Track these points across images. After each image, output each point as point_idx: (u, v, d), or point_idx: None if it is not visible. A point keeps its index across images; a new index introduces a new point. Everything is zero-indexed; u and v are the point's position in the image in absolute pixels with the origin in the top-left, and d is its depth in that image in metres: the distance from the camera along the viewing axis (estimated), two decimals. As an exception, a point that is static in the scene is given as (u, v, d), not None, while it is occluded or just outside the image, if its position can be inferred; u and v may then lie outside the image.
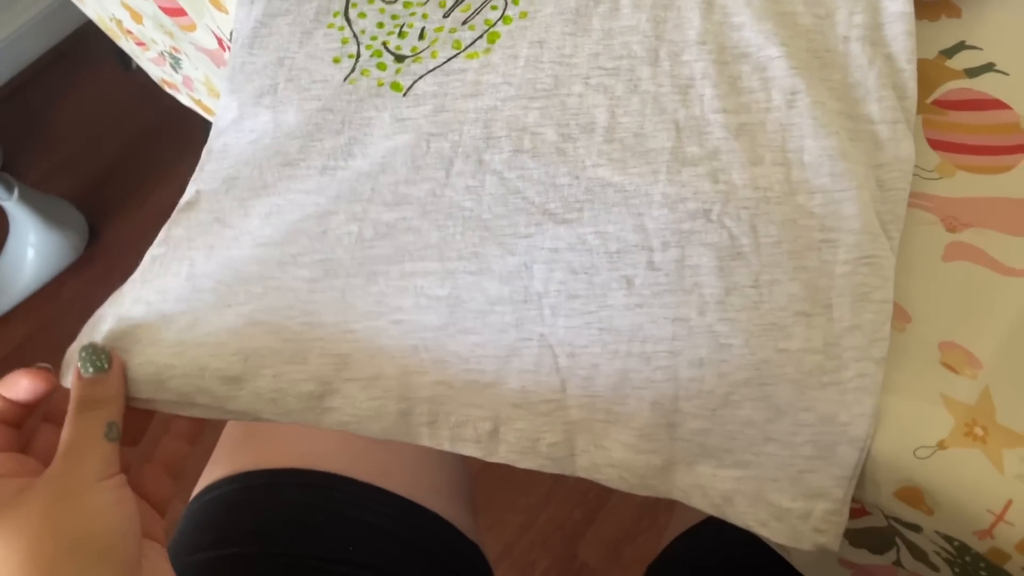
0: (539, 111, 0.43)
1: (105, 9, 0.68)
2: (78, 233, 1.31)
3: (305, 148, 0.45)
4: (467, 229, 0.42)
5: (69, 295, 1.31)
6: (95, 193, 1.37)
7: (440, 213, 0.43)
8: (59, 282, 1.32)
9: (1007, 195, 0.42)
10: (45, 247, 1.27)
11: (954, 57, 0.46)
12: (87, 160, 1.41)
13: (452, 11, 0.46)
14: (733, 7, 0.45)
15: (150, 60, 0.70)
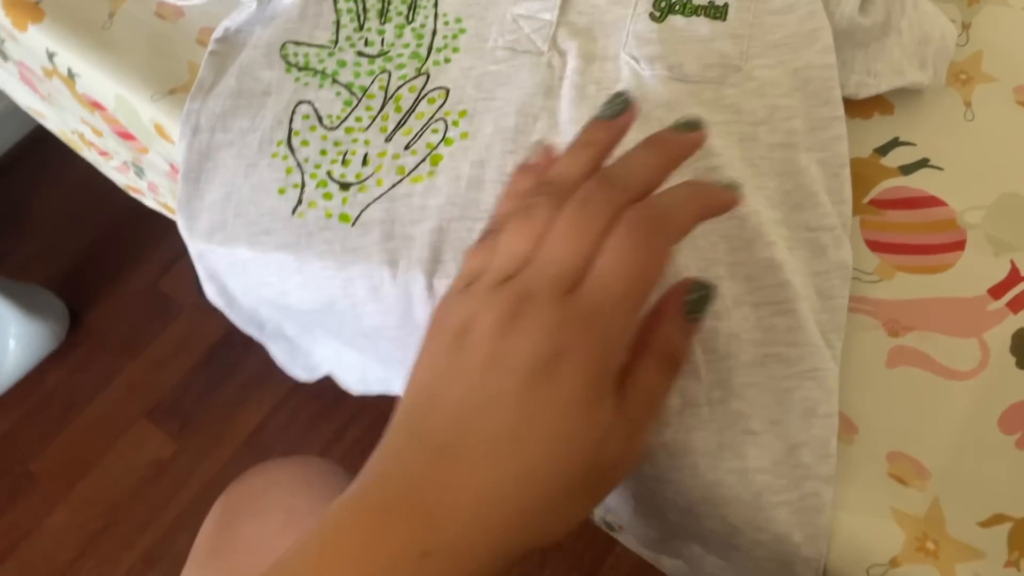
0: None
1: (66, 124, 0.69)
2: (59, 320, 1.31)
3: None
4: None
5: (52, 383, 1.31)
6: (75, 277, 1.37)
7: (415, 336, 0.44)
8: (41, 370, 1.31)
9: (948, 295, 0.43)
10: (26, 337, 1.27)
11: (888, 155, 0.47)
12: (65, 245, 1.41)
13: (394, 135, 0.47)
14: (667, 120, 0.45)
15: (114, 168, 0.71)
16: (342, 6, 0.51)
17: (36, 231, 1.45)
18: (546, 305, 0.31)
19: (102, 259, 1.38)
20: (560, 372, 0.30)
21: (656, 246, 0.32)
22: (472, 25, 0.50)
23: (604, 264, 0.31)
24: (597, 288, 0.31)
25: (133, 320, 1.37)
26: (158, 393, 1.29)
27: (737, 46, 0.47)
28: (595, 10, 0.49)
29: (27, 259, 1.42)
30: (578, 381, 0.30)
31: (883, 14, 0.48)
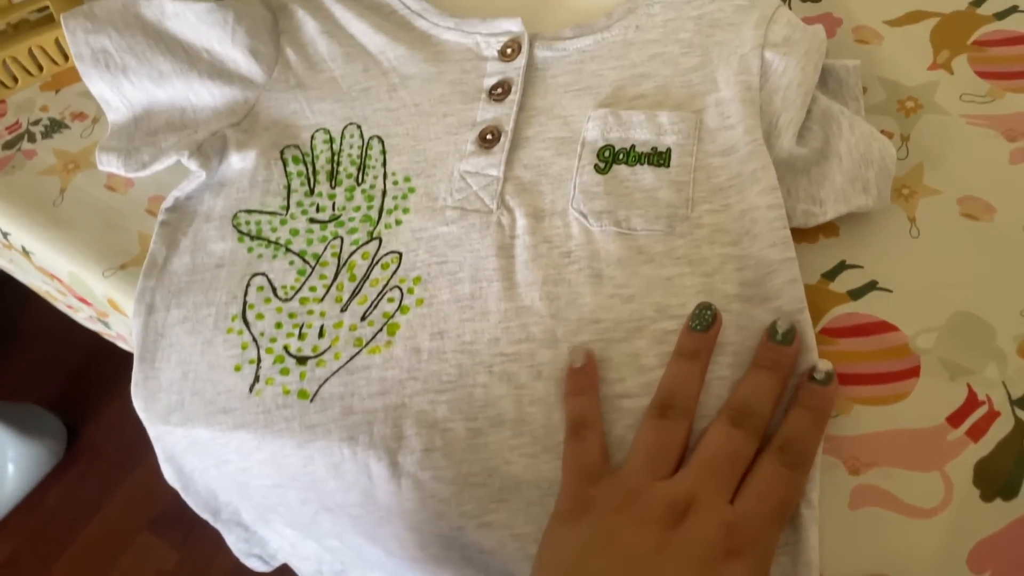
0: (447, 405, 0.44)
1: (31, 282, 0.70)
2: (56, 438, 1.31)
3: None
4: (400, 532, 0.43)
5: (53, 501, 1.31)
6: (70, 393, 1.38)
7: (376, 515, 0.44)
8: (42, 489, 1.31)
9: (906, 426, 0.43)
10: (24, 459, 1.27)
11: (836, 279, 0.47)
12: (58, 361, 1.42)
13: (349, 304, 0.48)
14: (621, 278, 0.46)
15: (83, 320, 0.72)
16: (292, 169, 0.52)
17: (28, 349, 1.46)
18: (716, 507, 0.37)
19: (95, 372, 1.39)
20: (730, 567, 0.35)
21: (800, 477, 0.40)
22: (421, 184, 0.51)
23: (759, 485, 0.39)
24: (755, 503, 0.38)
25: (130, 431, 1.35)
26: (159, 503, 1.29)
27: (682, 193, 0.47)
28: (540, 163, 0.50)
29: (21, 378, 1.42)
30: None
31: (821, 140, 0.49)
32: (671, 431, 0.41)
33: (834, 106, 0.50)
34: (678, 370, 0.43)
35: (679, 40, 0.53)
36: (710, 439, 0.40)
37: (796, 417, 0.41)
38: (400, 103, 0.54)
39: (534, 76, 0.54)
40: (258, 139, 0.53)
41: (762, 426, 0.40)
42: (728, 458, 0.39)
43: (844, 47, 0.55)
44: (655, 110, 0.50)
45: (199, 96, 0.54)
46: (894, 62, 0.54)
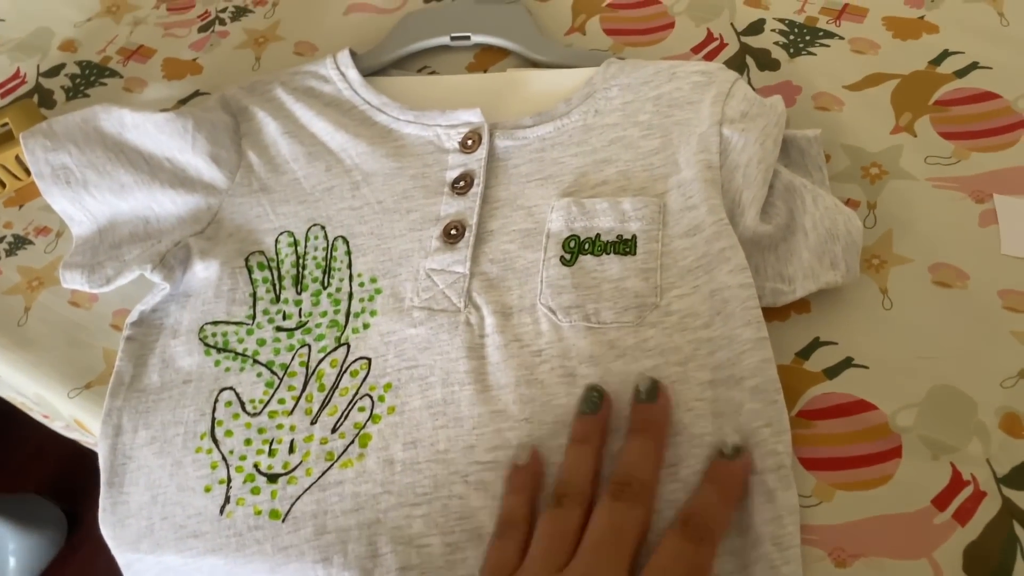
0: (422, 520, 0.43)
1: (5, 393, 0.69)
2: (56, 528, 1.30)
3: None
4: None
5: (56, 592, 1.29)
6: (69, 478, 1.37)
7: None
8: (45, 580, 1.30)
9: (891, 511, 0.42)
10: (25, 551, 1.26)
11: (811, 358, 0.47)
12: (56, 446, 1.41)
13: (319, 416, 0.47)
14: (594, 376, 0.45)
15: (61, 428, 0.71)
16: (257, 276, 0.52)
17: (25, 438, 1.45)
18: None
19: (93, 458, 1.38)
20: None
21: (705, 552, 0.39)
22: (387, 284, 0.50)
23: (661, 561, 0.38)
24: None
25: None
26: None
27: (650, 281, 0.47)
28: (506, 256, 0.50)
29: (19, 467, 1.41)
30: None
31: (786, 216, 0.49)
32: (566, 519, 0.40)
33: (796, 180, 0.49)
34: (572, 457, 0.42)
35: (638, 122, 0.53)
36: (594, 519, 0.40)
37: (702, 491, 0.41)
38: (363, 201, 0.53)
39: (496, 166, 0.53)
40: (222, 247, 0.53)
41: (645, 492, 0.40)
42: (613, 535, 0.39)
43: (805, 115, 0.55)
44: (618, 196, 0.50)
45: (162, 206, 0.54)
46: (856, 128, 0.54)
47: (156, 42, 0.67)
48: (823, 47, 0.59)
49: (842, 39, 0.59)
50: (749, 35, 0.60)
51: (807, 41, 0.59)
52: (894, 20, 0.60)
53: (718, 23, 0.61)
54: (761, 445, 0.42)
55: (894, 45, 0.58)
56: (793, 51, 0.59)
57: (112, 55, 0.66)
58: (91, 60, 0.67)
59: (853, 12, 0.60)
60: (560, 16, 0.63)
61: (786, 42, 0.59)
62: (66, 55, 0.68)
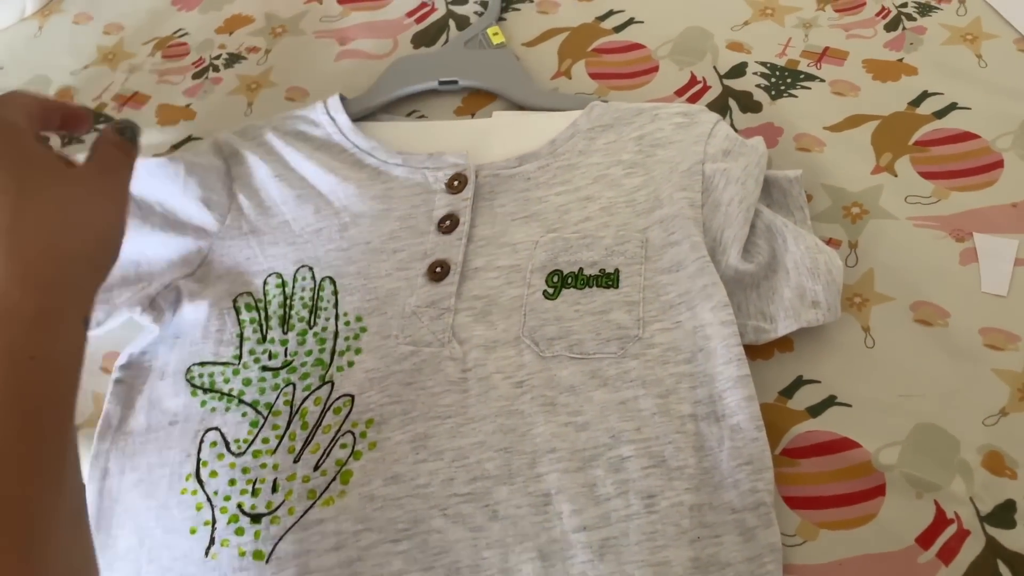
0: (402, 556, 0.43)
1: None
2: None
3: None
4: None
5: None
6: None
7: None
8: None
9: (875, 550, 0.42)
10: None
11: (794, 396, 0.47)
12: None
13: (302, 454, 0.47)
14: (575, 405, 0.45)
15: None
16: (245, 317, 0.52)
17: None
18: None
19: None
20: None
21: None
22: (373, 322, 0.50)
23: None
24: None
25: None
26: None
27: (633, 313, 0.47)
28: (491, 292, 0.50)
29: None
30: None
31: (767, 254, 0.49)
32: None
33: (777, 219, 0.50)
34: None
35: (621, 161, 0.53)
36: None
37: None
38: (351, 242, 0.54)
39: (481, 206, 0.54)
40: (212, 288, 0.53)
41: None
42: None
43: (786, 156, 0.56)
44: (600, 232, 0.51)
45: (153, 249, 0.55)
46: (837, 168, 0.55)
47: (151, 88, 0.68)
48: (804, 89, 0.60)
49: (823, 81, 0.60)
50: (732, 78, 0.61)
51: (788, 84, 0.60)
52: (874, 63, 0.61)
53: (701, 66, 0.62)
54: (741, 483, 0.42)
55: (874, 87, 0.59)
56: (775, 93, 0.60)
57: (107, 101, 0.68)
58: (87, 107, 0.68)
59: (833, 55, 0.62)
60: (546, 60, 0.65)
61: (768, 84, 0.60)
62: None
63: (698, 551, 0.41)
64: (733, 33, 0.64)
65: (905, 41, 0.62)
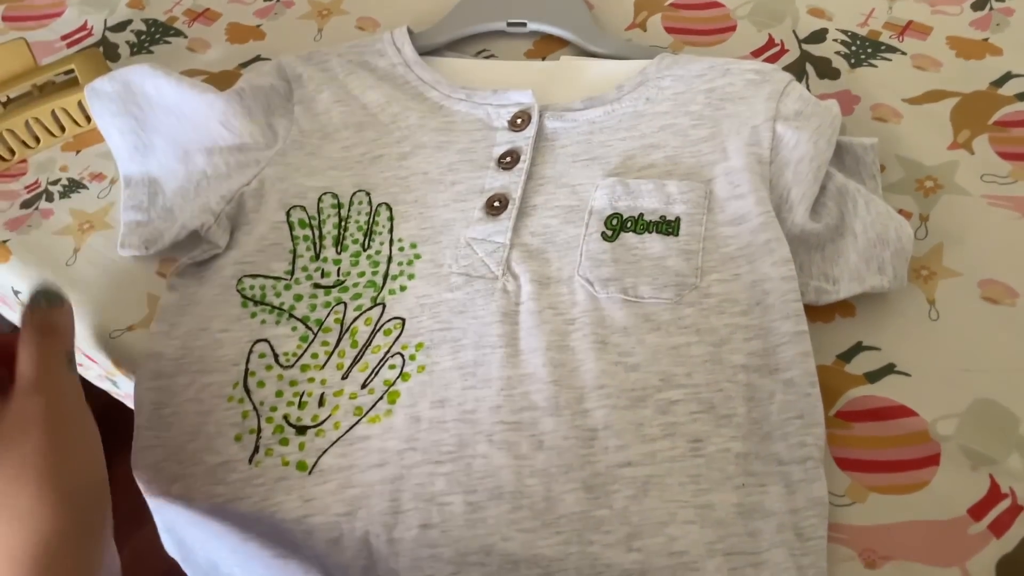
0: (445, 477, 0.43)
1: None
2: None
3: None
4: None
5: None
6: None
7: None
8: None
9: (925, 517, 0.41)
10: (34, 513, 1.27)
11: (852, 361, 0.46)
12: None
13: (350, 371, 0.47)
14: (626, 346, 0.45)
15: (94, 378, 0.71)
16: (298, 234, 0.52)
17: (46, 402, 1.47)
18: None
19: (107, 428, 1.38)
20: None
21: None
22: (427, 250, 0.50)
23: None
24: None
25: (121, 507, 1.35)
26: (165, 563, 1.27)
27: (691, 262, 0.47)
28: (548, 230, 0.50)
29: (37, 431, 1.43)
30: None
31: (836, 217, 0.48)
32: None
33: (850, 183, 0.49)
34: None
35: (689, 112, 0.53)
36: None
37: None
38: (409, 171, 0.54)
39: (543, 146, 0.53)
40: (266, 204, 0.53)
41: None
42: None
43: (862, 125, 0.55)
44: (664, 180, 0.50)
45: (215, 168, 0.55)
46: (913, 141, 0.54)
47: (222, 7, 0.68)
48: (885, 60, 0.58)
49: (904, 54, 0.59)
50: (811, 43, 0.60)
51: (869, 53, 0.59)
52: (958, 40, 0.59)
53: (780, 29, 0.61)
54: (790, 436, 0.42)
55: (957, 64, 0.58)
56: (854, 62, 0.58)
57: (178, 15, 0.68)
58: (157, 19, 0.68)
59: (917, 29, 0.60)
60: (622, 11, 0.64)
61: (848, 52, 0.59)
62: (133, 12, 0.69)
63: (742, 497, 0.40)
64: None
65: (992, 21, 0.61)
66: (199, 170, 0.55)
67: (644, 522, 0.40)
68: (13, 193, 0.58)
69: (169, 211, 0.54)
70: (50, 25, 0.69)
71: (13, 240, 0.56)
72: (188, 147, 0.55)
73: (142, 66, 0.55)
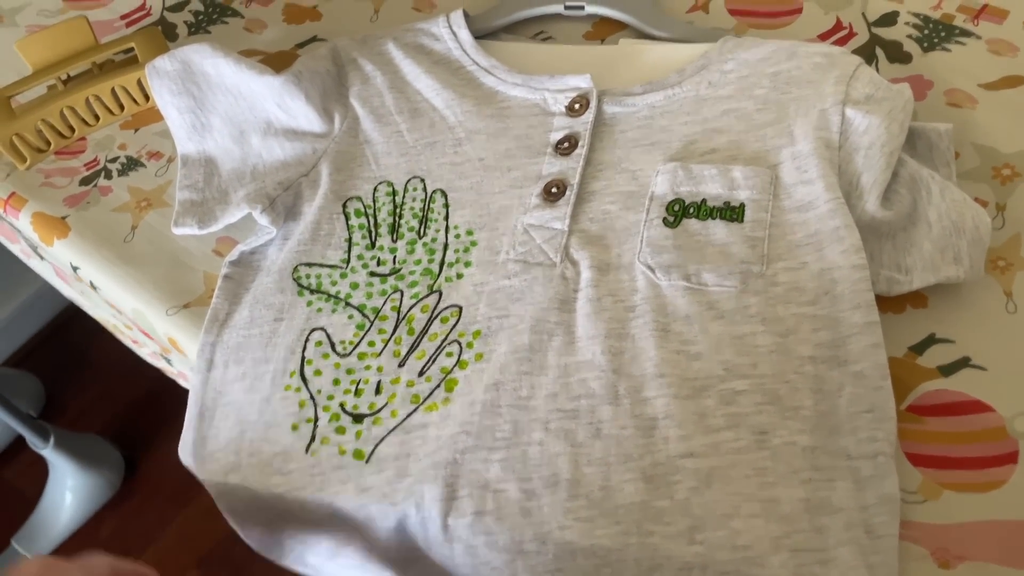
0: (500, 464, 0.42)
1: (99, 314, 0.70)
2: (114, 470, 1.33)
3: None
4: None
5: (107, 532, 1.32)
6: (131, 425, 1.40)
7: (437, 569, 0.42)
8: (97, 520, 1.32)
9: (1001, 517, 0.39)
10: (82, 489, 1.29)
11: (925, 353, 0.44)
12: (123, 393, 1.44)
13: (407, 359, 0.46)
14: (689, 334, 0.44)
15: (147, 355, 0.72)
16: (354, 223, 0.52)
17: (95, 380, 1.49)
18: None
19: (157, 407, 1.40)
20: None
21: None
22: (484, 237, 0.50)
23: None
24: None
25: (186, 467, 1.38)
26: (209, 542, 1.29)
27: (756, 249, 0.45)
28: (607, 216, 0.49)
29: (86, 406, 1.45)
30: None
31: (908, 204, 0.47)
32: None
33: (924, 170, 0.47)
34: None
35: (754, 96, 0.51)
36: None
37: None
38: (465, 157, 0.53)
39: (602, 131, 0.52)
40: (323, 192, 0.53)
41: None
42: None
43: (935, 111, 0.53)
44: (728, 164, 0.49)
45: (270, 151, 0.55)
46: (989, 128, 0.52)
47: (279, -14, 0.68)
48: (959, 45, 0.56)
49: (979, 39, 0.57)
50: (881, 27, 0.58)
51: (942, 37, 0.57)
52: (1036, 23, 0.57)
53: (848, 12, 0.59)
54: (859, 431, 0.40)
55: (1034, 48, 0.56)
56: (927, 46, 0.56)
57: (238, -6, 0.68)
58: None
59: (992, 13, 0.58)
60: (684, -8, 0.62)
61: (920, 36, 0.57)
62: (191, -8, 0.69)
63: (809, 492, 0.39)
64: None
65: (1072, 4, 0.58)
66: (254, 151, 0.55)
67: (707, 514, 0.39)
68: (72, 170, 0.59)
69: (224, 192, 0.54)
70: (109, 5, 0.69)
71: (72, 216, 0.56)
72: (244, 127, 0.55)
73: (201, 45, 0.55)
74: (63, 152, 0.60)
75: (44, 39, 0.58)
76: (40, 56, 0.58)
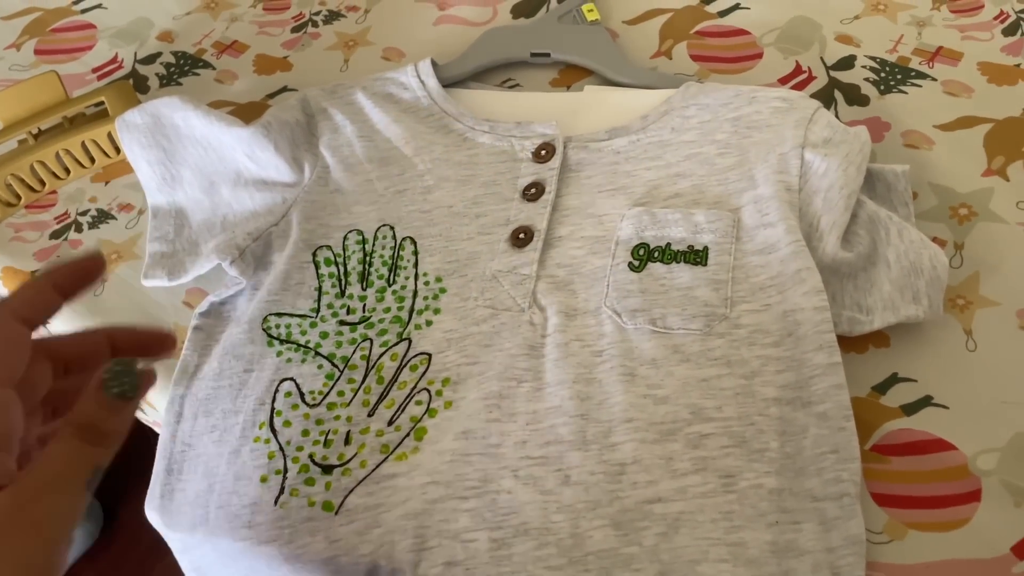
0: (469, 514, 0.42)
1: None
2: (93, 520, 1.31)
3: None
4: None
5: (86, 584, 1.30)
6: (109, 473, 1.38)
7: None
8: (75, 572, 1.30)
9: (964, 556, 0.40)
10: (60, 540, 1.27)
11: (888, 393, 0.45)
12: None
13: (376, 408, 0.46)
14: (655, 378, 0.44)
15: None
16: (324, 271, 0.52)
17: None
18: None
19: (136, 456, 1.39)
20: None
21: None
22: (453, 284, 0.50)
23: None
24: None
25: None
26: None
27: (720, 292, 0.46)
28: (574, 261, 0.49)
29: (64, 457, 1.43)
30: None
31: (868, 245, 0.47)
32: None
33: (882, 211, 0.48)
34: None
35: (715, 141, 0.52)
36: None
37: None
38: (434, 205, 0.54)
39: (568, 177, 0.53)
40: (293, 241, 0.53)
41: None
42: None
43: (893, 152, 0.54)
44: (691, 209, 0.49)
45: (240, 201, 0.55)
46: (946, 168, 0.53)
47: (250, 39, 0.69)
48: (915, 87, 0.58)
49: (935, 80, 0.58)
50: (839, 70, 0.59)
51: (898, 80, 0.58)
52: (989, 66, 0.58)
53: (807, 56, 0.61)
54: (825, 472, 0.41)
55: (988, 90, 0.57)
56: (883, 88, 0.58)
57: (207, 48, 0.68)
58: (186, 51, 0.69)
59: (947, 55, 0.60)
60: (647, 39, 0.64)
61: (877, 79, 0.58)
62: (163, 44, 0.70)
63: (776, 535, 0.39)
64: (843, 26, 0.62)
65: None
66: (224, 202, 0.55)
67: (675, 560, 0.39)
68: (43, 224, 0.59)
69: (194, 243, 0.54)
70: (81, 58, 0.70)
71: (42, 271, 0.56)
72: (214, 178, 0.56)
73: (171, 98, 0.56)
74: (33, 206, 0.60)
75: (15, 94, 0.59)
76: (10, 111, 0.59)
